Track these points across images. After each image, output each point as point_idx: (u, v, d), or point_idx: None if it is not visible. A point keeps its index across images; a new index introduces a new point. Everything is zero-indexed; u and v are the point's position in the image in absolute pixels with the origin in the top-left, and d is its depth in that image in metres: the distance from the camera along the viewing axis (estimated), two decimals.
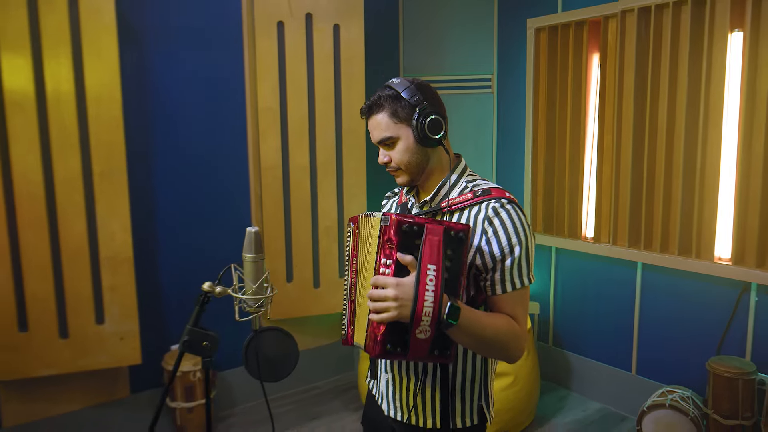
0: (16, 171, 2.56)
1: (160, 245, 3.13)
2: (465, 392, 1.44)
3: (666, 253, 3.03)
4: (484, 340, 1.30)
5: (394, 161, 1.44)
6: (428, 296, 1.19)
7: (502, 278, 1.35)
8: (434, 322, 1.20)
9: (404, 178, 1.47)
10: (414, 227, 1.23)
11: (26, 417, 2.83)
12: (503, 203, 1.36)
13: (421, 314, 1.19)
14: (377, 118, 1.42)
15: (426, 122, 1.37)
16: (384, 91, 1.42)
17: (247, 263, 1.46)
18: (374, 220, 1.35)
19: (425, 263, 1.21)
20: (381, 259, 1.26)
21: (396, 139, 1.42)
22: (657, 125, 3.03)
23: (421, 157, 1.43)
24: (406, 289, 1.21)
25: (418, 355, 1.23)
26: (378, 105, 1.41)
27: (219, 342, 1.50)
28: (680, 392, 2.88)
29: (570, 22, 3.34)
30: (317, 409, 3.45)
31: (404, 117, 1.39)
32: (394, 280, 1.22)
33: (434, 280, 1.20)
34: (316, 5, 3.29)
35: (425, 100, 1.39)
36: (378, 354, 1.23)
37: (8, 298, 2.61)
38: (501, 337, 1.31)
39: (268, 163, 3.30)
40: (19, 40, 2.51)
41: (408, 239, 1.23)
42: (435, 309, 1.20)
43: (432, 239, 1.22)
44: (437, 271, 1.21)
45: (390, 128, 1.41)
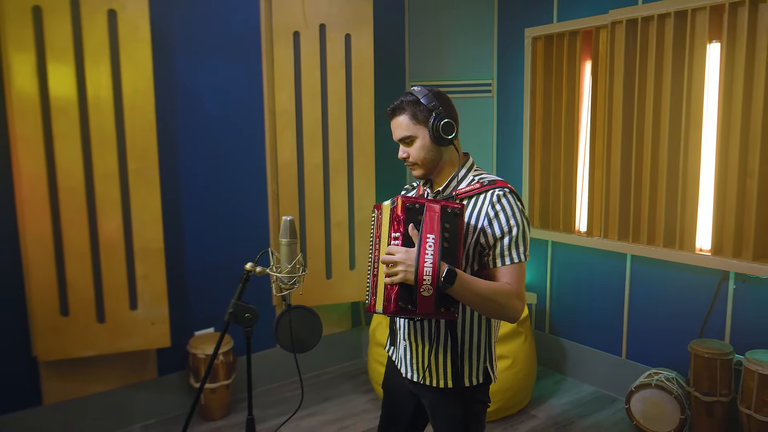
0: (60, 168, 2.82)
1: (186, 237, 3.39)
2: (472, 355, 1.70)
3: (652, 245, 3.28)
4: (482, 298, 1.54)
5: (411, 157, 1.71)
6: (428, 259, 1.44)
7: (501, 253, 1.60)
8: (434, 282, 1.45)
9: (420, 171, 1.74)
10: (416, 205, 1.49)
11: (64, 395, 3.09)
12: (505, 192, 1.63)
13: (422, 275, 1.44)
14: (399, 119, 1.69)
15: (440, 125, 1.64)
16: (406, 97, 1.69)
17: (282, 247, 1.72)
18: (385, 206, 1.63)
19: (425, 233, 1.46)
20: (392, 233, 1.53)
21: (414, 137, 1.69)
22: (644, 127, 3.28)
23: (435, 154, 1.70)
24: (410, 254, 1.47)
25: (426, 310, 1.47)
26: (400, 108, 1.69)
27: (259, 315, 1.75)
28: (665, 373, 3.13)
29: (564, 32, 3.60)
30: (329, 392, 3.71)
31: (422, 119, 1.67)
32: (402, 249, 1.48)
33: (432, 247, 1.45)
34: (329, 16, 3.55)
35: (440, 106, 1.66)
36: (393, 311, 1.48)
37: (52, 284, 2.86)
38: (497, 296, 1.55)
39: (284, 161, 3.55)
40: (63, 52, 2.77)
41: (412, 215, 1.49)
42: (434, 271, 1.44)
43: (431, 215, 1.48)
44: (435, 240, 1.46)
45: (410, 128, 1.68)
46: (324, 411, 3.47)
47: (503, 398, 3.24)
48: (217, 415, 3.36)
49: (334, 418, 3.39)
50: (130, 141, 2.95)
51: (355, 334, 4.17)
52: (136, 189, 2.99)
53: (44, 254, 2.84)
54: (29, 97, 2.74)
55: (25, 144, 2.75)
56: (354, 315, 4.16)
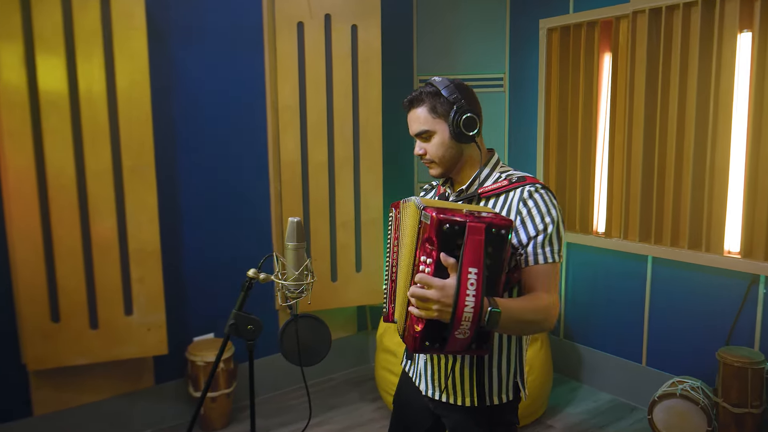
0: (50, 166, 2.66)
1: (184, 238, 3.22)
2: (501, 370, 1.53)
3: (676, 247, 3.11)
4: (522, 327, 1.38)
5: (429, 154, 1.54)
6: (469, 301, 1.19)
7: (534, 251, 1.43)
8: (474, 325, 1.22)
9: (437, 170, 1.57)
10: (455, 227, 1.21)
11: (56, 405, 2.93)
12: (537, 188, 1.46)
13: (461, 319, 1.21)
14: (417, 112, 1.52)
15: (462, 119, 1.47)
16: (426, 87, 1.52)
17: (289, 251, 1.55)
18: (410, 205, 1.43)
19: (466, 266, 1.19)
20: (420, 256, 1.27)
21: (432, 132, 1.52)
22: (667, 122, 3.12)
23: (454, 151, 1.53)
24: (447, 292, 1.21)
25: (455, 350, 1.27)
26: (419, 100, 1.52)
27: (262, 327, 1.59)
28: (690, 382, 2.96)
29: (582, 23, 3.43)
30: (335, 400, 3.54)
31: (442, 113, 1.50)
32: (437, 282, 1.23)
33: (475, 284, 1.20)
34: (335, 6, 3.38)
35: (463, 99, 1.49)
36: (415, 350, 1.27)
37: (41, 288, 2.70)
38: (536, 316, 1.38)
39: (287, 159, 3.39)
40: (53, 42, 2.60)
41: (449, 240, 1.21)
42: (475, 314, 1.21)
43: (474, 239, 1.20)
44: (478, 275, 1.20)
45: (428, 122, 1.51)
46: (330, 420, 3.30)
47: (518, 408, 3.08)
48: (218, 425, 3.20)
49: (340, 427, 3.23)
50: (125, 136, 2.78)
51: (361, 339, 4.00)
52: (131, 187, 2.82)
53: (33, 256, 2.67)
54: (17, 90, 2.57)
55: (13, 139, 2.59)
56: (360, 319, 3.99)
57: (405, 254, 1.45)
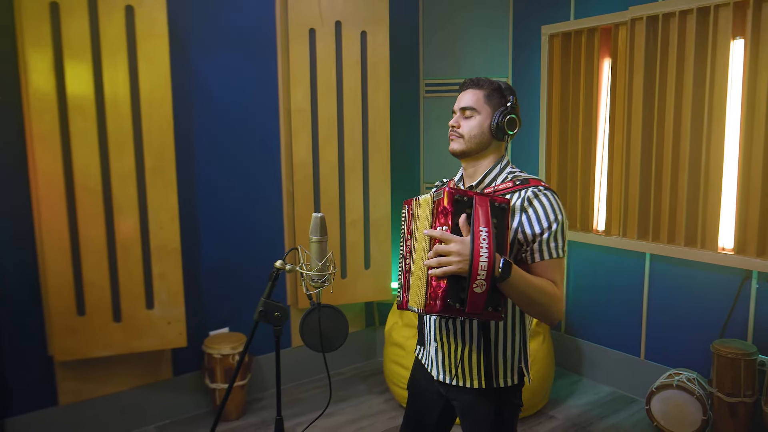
0: (77, 167, 2.79)
1: (201, 236, 3.36)
2: (507, 355, 1.66)
3: (673, 244, 3.25)
4: (531, 296, 1.50)
5: (463, 128, 1.67)
6: (483, 252, 1.37)
7: (540, 248, 1.56)
8: (489, 276, 1.38)
9: (460, 145, 1.68)
10: (464, 198, 1.44)
11: (80, 395, 3.06)
12: (541, 189, 1.59)
13: (477, 268, 1.36)
14: (473, 92, 1.68)
15: (507, 117, 1.64)
16: (491, 79, 1.70)
17: (313, 244, 1.69)
18: (427, 199, 1.58)
19: (478, 226, 1.40)
20: (437, 226, 1.46)
21: (477, 113, 1.67)
22: (664, 125, 3.25)
23: (485, 138, 1.67)
24: (465, 244, 1.39)
25: (474, 309, 1.40)
26: (480, 83, 1.69)
27: (288, 314, 1.72)
28: (686, 374, 3.09)
29: (582, 29, 3.56)
30: (344, 393, 3.67)
31: (494, 104, 1.67)
32: (456, 237, 1.41)
33: (487, 239, 1.39)
34: (345, 13, 3.52)
35: (515, 104, 1.67)
36: (440, 309, 1.40)
37: (68, 284, 2.84)
38: (544, 296, 1.52)
39: (299, 160, 3.52)
40: (80, 49, 2.74)
41: (460, 208, 1.43)
42: (489, 264, 1.37)
43: (481, 207, 1.42)
44: (488, 233, 1.39)
45: (478, 103, 1.67)
46: (340, 412, 3.43)
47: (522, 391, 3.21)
48: (233, 416, 3.33)
49: (350, 418, 3.36)
50: (147, 139, 2.92)
51: (369, 334, 4.13)
52: (153, 188, 2.96)
53: (61, 254, 2.81)
54: (46, 95, 2.71)
55: (42, 142, 2.72)
56: (368, 315, 4.12)
57: (422, 241, 1.56)
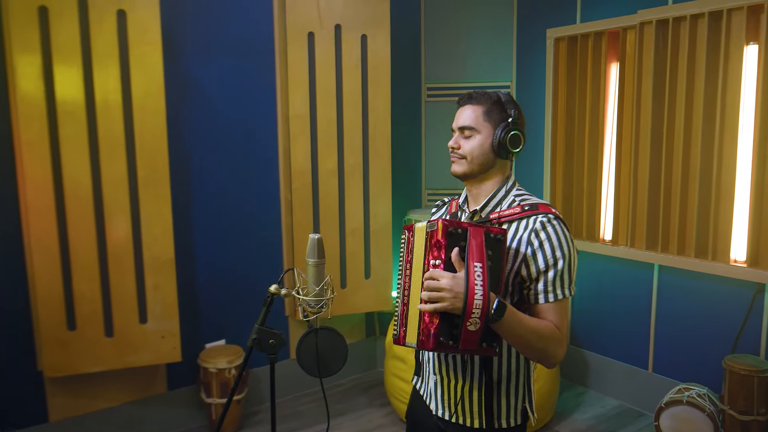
0: (67, 175, 2.69)
1: (196, 246, 3.26)
2: (510, 393, 1.54)
3: (683, 256, 3.15)
4: (527, 339, 1.40)
5: (463, 149, 1.53)
6: (477, 290, 1.30)
7: (545, 288, 1.45)
8: (483, 314, 1.31)
9: (462, 168, 1.55)
10: (458, 230, 1.36)
11: (71, 411, 2.97)
12: (550, 218, 1.46)
13: (471, 306, 1.29)
14: (471, 108, 1.54)
15: (510, 134, 1.50)
16: (488, 92, 1.55)
17: (309, 267, 1.59)
18: (418, 229, 1.46)
19: (472, 261, 1.32)
20: (430, 260, 1.37)
21: (477, 132, 1.52)
22: (674, 132, 3.15)
23: (487, 159, 1.53)
24: (458, 281, 1.32)
25: (468, 346, 1.33)
26: (478, 97, 1.54)
27: (284, 341, 1.62)
28: (696, 389, 2.99)
29: (589, 33, 3.46)
30: (342, 406, 3.58)
31: (494, 120, 1.52)
32: (448, 273, 1.33)
33: (481, 276, 1.31)
34: (345, 16, 3.42)
35: (518, 118, 1.51)
36: (432, 346, 1.33)
37: (58, 296, 2.74)
38: (542, 339, 1.41)
39: (297, 167, 3.42)
40: (71, 54, 2.64)
41: (454, 241, 1.35)
42: (484, 302, 1.30)
43: (475, 240, 1.34)
44: (483, 268, 1.32)
45: (477, 121, 1.52)
46: (339, 426, 3.34)
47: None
48: (230, 430, 3.24)
49: None
50: (140, 147, 2.83)
51: (369, 344, 4.04)
52: (146, 197, 2.86)
53: (50, 265, 2.71)
54: (35, 101, 2.61)
55: (30, 149, 2.63)
56: (368, 325, 4.03)
57: (419, 269, 1.45)
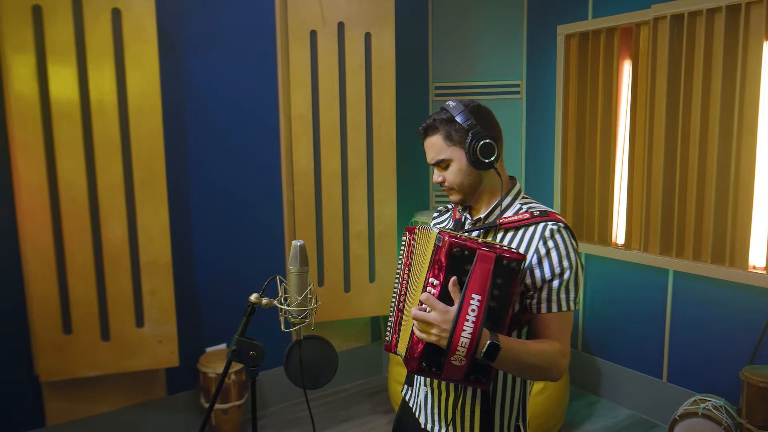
0: (62, 178, 2.65)
1: (196, 249, 3.21)
2: (504, 411, 1.46)
3: (698, 261, 3.01)
4: (525, 367, 1.32)
5: (447, 181, 1.48)
6: (467, 327, 1.18)
7: (548, 298, 1.36)
8: (469, 354, 1.20)
9: (457, 197, 1.51)
10: (465, 251, 1.20)
11: (68, 416, 2.93)
12: (560, 227, 1.38)
13: (456, 345, 1.19)
14: (432, 140, 1.47)
15: (478, 146, 1.41)
16: (439, 114, 1.46)
17: (292, 276, 1.51)
18: (431, 235, 1.36)
19: (470, 293, 1.19)
20: (430, 277, 1.26)
21: (450, 160, 1.46)
22: (689, 131, 3.02)
23: (473, 178, 1.47)
24: (447, 317, 1.21)
25: (452, 377, 1.24)
26: (433, 128, 1.46)
27: (265, 352, 1.55)
28: (713, 401, 2.86)
29: (601, 29, 3.34)
30: (346, 412, 3.50)
31: (458, 140, 1.44)
32: (441, 306, 1.22)
33: (476, 311, 1.19)
34: (348, 14, 3.33)
35: (478, 124, 1.42)
36: (414, 370, 1.26)
37: (54, 300, 2.70)
38: (542, 363, 1.33)
39: (300, 169, 3.35)
40: (65, 54, 2.60)
41: (458, 263, 1.21)
42: (472, 342, 1.19)
43: (482, 266, 1.19)
44: (481, 302, 1.19)
45: (444, 150, 1.45)
46: None
47: (534, 425, 3.01)
48: None
49: None
50: (136, 148, 2.77)
51: (374, 349, 3.95)
52: (143, 199, 2.81)
53: (45, 268, 2.67)
54: (29, 102, 2.57)
55: (25, 151, 2.59)
56: (374, 329, 3.94)
57: (419, 279, 1.39)
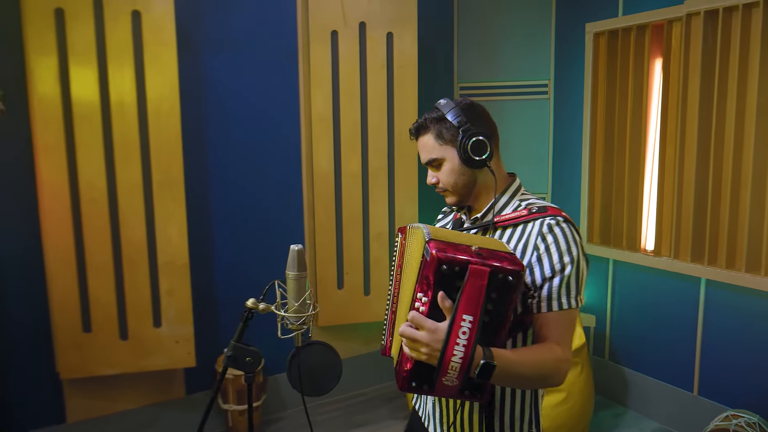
0: (82, 180, 2.69)
1: (215, 251, 3.21)
2: (515, 415, 1.40)
3: (732, 270, 2.86)
4: (524, 380, 1.26)
5: (441, 182, 1.46)
6: (458, 351, 1.10)
7: (549, 296, 1.30)
8: (461, 375, 1.13)
9: (452, 198, 1.48)
10: (455, 268, 1.11)
11: (89, 413, 2.97)
12: (559, 221, 1.33)
13: (447, 367, 1.12)
14: (424, 140, 1.45)
15: (469, 143, 1.36)
16: (431, 113, 1.43)
17: (290, 281, 1.48)
18: (418, 233, 1.32)
19: (461, 312, 1.10)
20: (418, 292, 1.18)
21: (442, 160, 1.43)
22: (724, 133, 2.87)
23: (467, 178, 1.43)
24: (437, 336, 1.13)
25: (445, 395, 1.17)
26: (424, 127, 1.44)
27: (261, 358, 1.52)
28: (746, 417, 2.72)
29: (631, 26, 3.21)
30: (364, 416, 3.46)
31: (449, 138, 1.41)
32: (429, 324, 1.14)
33: (468, 333, 1.10)
34: (370, 14, 3.29)
35: (468, 122, 1.38)
36: (404, 388, 1.19)
37: (74, 299, 2.74)
38: (541, 373, 1.26)
39: (320, 170, 3.33)
40: (86, 54, 2.63)
41: (447, 281, 1.12)
42: (463, 365, 1.11)
43: (474, 284, 1.10)
44: (473, 323, 1.10)
45: (435, 150, 1.42)
46: None
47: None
48: None
49: None
50: (155, 150, 2.79)
51: None
52: (161, 201, 2.83)
53: (66, 267, 2.71)
54: (52, 104, 2.61)
55: (47, 153, 2.63)
56: None
57: (407, 286, 1.35)
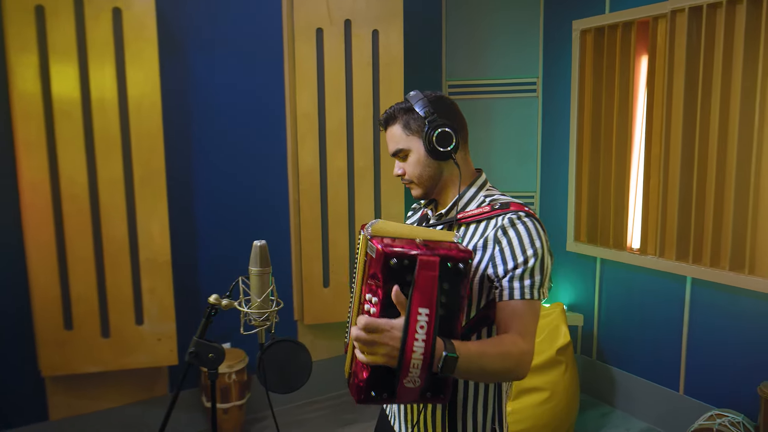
0: (63, 175, 2.68)
1: (198, 248, 3.21)
2: (477, 414, 1.38)
3: (717, 268, 2.85)
4: (486, 373, 1.23)
5: (407, 174, 1.44)
6: (418, 347, 1.06)
7: (510, 285, 1.27)
8: (424, 372, 1.09)
9: (418, 191, 1.46)
10: (404, 261, 1.07)
11: (72, 411, 2.96)
12: (520, 216, 1.31)
13: (409, 366, 1.07)
14: (391, 130, 1.44)
15: (435, 135, 1.35)
16: (400, 104, 1.43)
17: (252, 277, 1.47)
18: (361, 239, 1.29)
19: (416, 307, 1.06)
20: (366, 293, 1.13)
21: (408, 151, 1.42)
22: (708, 131, 2.86)
23: (432, 170, 1.42)
24: (394, 334, 1.08)
25: (407, 400, 1.12)
26: (392, 117, 1.43)
27: (224, 355, 1.51)
28: (731, 416, 2.70)
29: (617, 23, 3.20)
30: (350, 416, 3.45)
31: (416, 129, 1.40)
32: (383, 323, 1.09)
33: (425, 327, 1.06)
34: (355, 11, 3.28)
35: (435, 113, 1.37)
36: (361, 401, 1.13)
37: (56, 296, 2.73)
38: (505, 364, 1.22)
39: (306, 168, 3.32)
40: (67, 51, 2.63)
41: (397, 276, 1.08)
42: (425, 361, 1.07)
43: (425, 275, 1.06)
44: (430, 315, 1.06)
45: (402, 140, 1.41)
46: None
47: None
48: None
49: None
50: (136, 146, 2.79)
51: None
52: (142, 197, 2.82)
53: (47, 263, 2.71)
54: (32, 100, 2.61)
55: (28, 149, 2.63)
56: None
57: (356, 290, 1.32)
